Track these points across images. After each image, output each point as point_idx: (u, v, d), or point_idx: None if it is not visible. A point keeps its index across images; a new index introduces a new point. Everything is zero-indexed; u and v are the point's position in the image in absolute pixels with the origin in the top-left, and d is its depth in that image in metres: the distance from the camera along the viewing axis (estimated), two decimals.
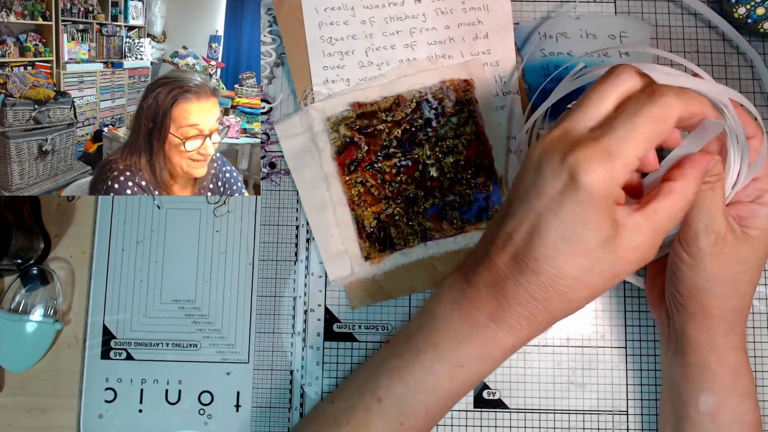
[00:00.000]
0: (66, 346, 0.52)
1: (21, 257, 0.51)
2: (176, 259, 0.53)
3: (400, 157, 0.52)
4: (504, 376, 0.51)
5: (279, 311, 0.52)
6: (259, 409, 0.51)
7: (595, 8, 0.55)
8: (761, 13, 0.52)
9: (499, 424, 0.50)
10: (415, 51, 0.53)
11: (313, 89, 0.53)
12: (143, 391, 0.51)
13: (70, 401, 0.51)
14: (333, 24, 0.53)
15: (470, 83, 0.53)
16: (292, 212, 0.53)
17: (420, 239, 0.52)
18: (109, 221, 0.53)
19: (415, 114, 0.52)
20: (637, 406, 0.50)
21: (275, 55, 0.55)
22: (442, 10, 0.53)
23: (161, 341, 0.52)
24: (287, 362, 0.51)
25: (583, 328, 0.51)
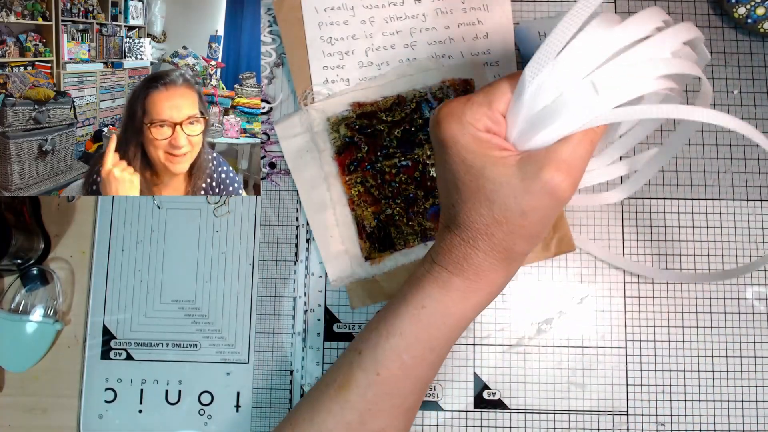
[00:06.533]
0: (66, 346, 0.52)
1: (21, 257, 0.51)
2: (176, 259, 0.53)
3: (400, 157, 0.52)
4: (504, 376, 0.51)
5: (279, 311, 0.52)
6: (259, 409, 0.51)
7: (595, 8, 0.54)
8: (761, 13, 0.52)
9: (499, 424, 0.50)
10: (415, 51, 0.53)
11: (313, 89, 0.53)
12: (143, 391, 0.51)
13: (70, 401, 0.51)
14: (333, 24, 0.53)
15: (470, 83, 0.53)
16: (292, 212, 0.53)
17: (420, 239, 0.52)
18: (109, 221, 0.53)
19: (415, 114, 0.52)
20: (637, 406, 0.50)
21: (275, 55, 0.55)
22: (442, 10, 0.53)
23: (161, 341, 0.52)
24: (287, 362, 0.51)
25: (583, 328, 0.51)
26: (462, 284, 0.37)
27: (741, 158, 0.53)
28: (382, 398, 0.38)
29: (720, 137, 0.53)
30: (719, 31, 0.54)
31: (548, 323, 0.51)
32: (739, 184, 0.52)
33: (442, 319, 0.38)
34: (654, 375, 0.50)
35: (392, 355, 0.38)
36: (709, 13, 0.54)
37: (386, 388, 0.38)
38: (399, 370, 0.38)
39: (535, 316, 0.52)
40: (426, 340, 0.38)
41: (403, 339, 0.38)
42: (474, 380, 0.51)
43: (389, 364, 0.38)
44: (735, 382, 0.50)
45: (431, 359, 0.39)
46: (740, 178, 0.52)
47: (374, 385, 0.38)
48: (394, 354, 0.38)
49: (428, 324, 0.38)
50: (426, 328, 0.38)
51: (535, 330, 0.51)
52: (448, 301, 0.38)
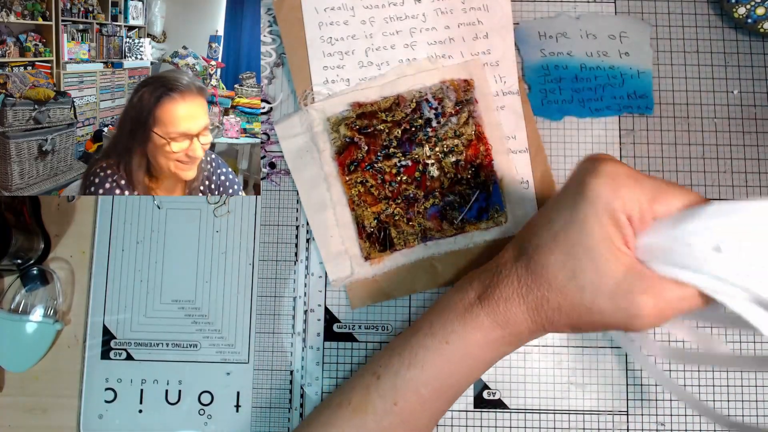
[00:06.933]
0: (66, 346, 0.52)
1: (21, 257, 0.51)
2: (176, 259, 0.53)
3: (400, 157, 0.52)
4: (504, 376, 0.51)
5: (279, 311, 0.52)
6: (259, 409, 0.51)
7: (595, 8, 0.55)
8: (761, 13, 0.52)
9: (499, 424, 0.50)
10: (415, 51, 0.53)
11: (313, 89, 0.53)
12: (143, 391, 0.51)
13: (70, 401, 0.51)
14: (333, 24, 0.53)
15: (470, 83, 0.53)
16: (292, 212, 0.53)
17: (420, 239, 0.52)
18: (109, 221, 0.53)
19: (415, 114, 0.52)
20: (637, 406, 0.50)
21: (275, 55, 0.55)
22: (442, 10, 0.53)
23: (161, 341, 0.52)
24: (287, 362, 0.51)
25: None
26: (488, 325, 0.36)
27: (741, 158, 0.53)
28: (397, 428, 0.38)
29: (720, 137, 0.53)
30: (719, 31, 0.54)
31: None
32: (739, 184, 0.52)
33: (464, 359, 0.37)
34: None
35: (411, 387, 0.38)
36: (709, 13, 0.54)
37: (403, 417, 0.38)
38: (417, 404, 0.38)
39: None
40: (446, 376, 0.38)
41: (423, 372, 0.37)
42: None
43: (408, 396, 0.38)
44: (735, 382, 0.50)
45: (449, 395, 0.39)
46: (740, 178, 0.52)
47: (391, 414, 0.38)
48: (413, 386, 0.38)
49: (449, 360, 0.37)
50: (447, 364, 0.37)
51: None
52: (472, 342, 0.37)
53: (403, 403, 0.38)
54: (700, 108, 0.53)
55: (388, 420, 0.38)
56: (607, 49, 0.53)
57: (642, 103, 0.53)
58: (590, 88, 0.53)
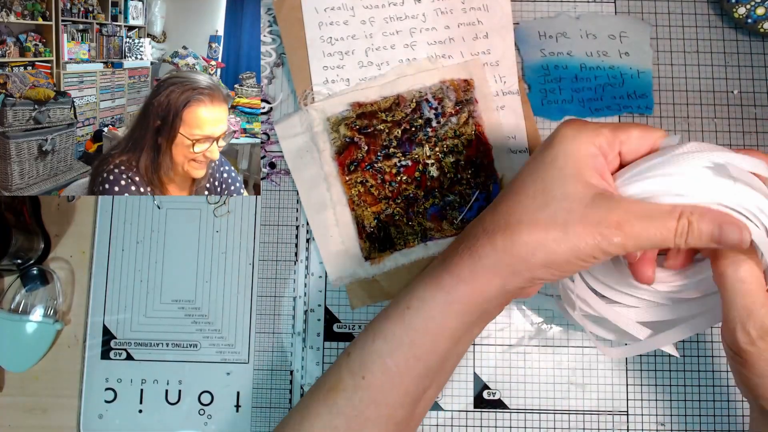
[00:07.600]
0: (66, 346, 0.52)
1: (21, 257, 0.51)
2: (176, 259, 0.53)
3: (400, 157, 0.52)
4: (504, 376, 0.51)
5: (279, 311, 0.52)
6: (259, 409, 0.51)
7: (595, 8, 0.55)
8: (761, 13, 0.52)
9: (499, 424, 0.50)
10: (415, 51, 0.53)
11: (313, 89, 0.53)
12: (143, 391, 0.51)
13: (70, 401, 0.51)
14: (333, 24, 0.53)
15: (470, 83, 0.53)
16: (292, 212, 0.53)
17: (420, 239, 0.52)
18: (109, 221, 0.53)
19: (415, 114, 0.52)
20: (637, 406, 0.50)
21: (275, 55, 0.55)
22: (442, 10, 0.53)
23: (161, 341, 0.52)
24: (287, 362, 0.51)
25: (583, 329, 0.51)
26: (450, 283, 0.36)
27: None
28: (368, 406, 0.38)
29: (720, 137, 0.53)
30: (719, 31, 0.54)
31: (548, 323, 0.51)
32: None
33: (424, 322, 0.37)
34: (654, 375, 0.50)
35: (376, 359, 0.38)
36: (709, 13, 0.54)
37: (372, 394, 0.38)
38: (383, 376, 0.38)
39: (535, 316, 0.52)
40: (408, 344, 0.37)
41: (386, 342, 0.38)
42: (474, 380, 0.51)
43: (373, 367, 0.38)
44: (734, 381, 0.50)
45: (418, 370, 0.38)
46: None
47: (360, 389, 0.38)
48: (377, 357, 0.38)
49: (410, 326, 0.37)
50: (407, 330, 0.37)
51: (535, 330, 0.51)
52: (432, 303, 0.37)
53: (370, 376, 0.38)
54: (700, 108, 0.53)
55: (358, 397, 0.38)
56: (607, 49, 0.53)
57: (642, 103, 0.53)
58: (590, 88, 0.53)
